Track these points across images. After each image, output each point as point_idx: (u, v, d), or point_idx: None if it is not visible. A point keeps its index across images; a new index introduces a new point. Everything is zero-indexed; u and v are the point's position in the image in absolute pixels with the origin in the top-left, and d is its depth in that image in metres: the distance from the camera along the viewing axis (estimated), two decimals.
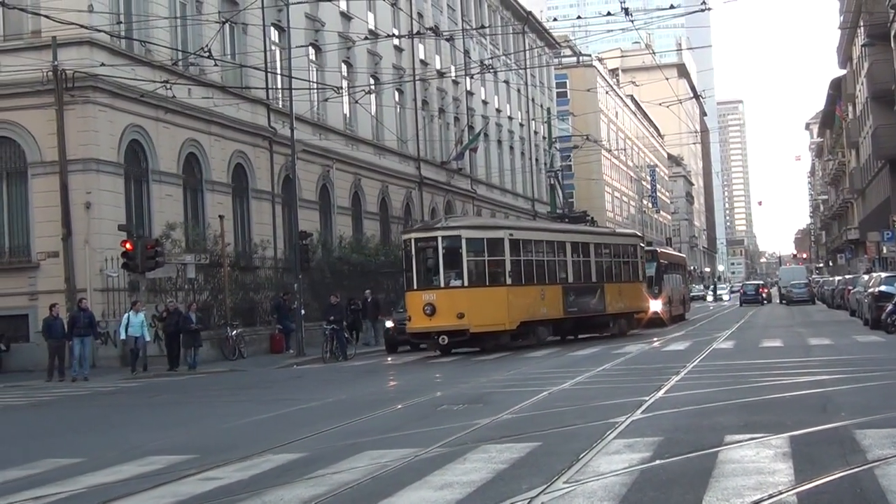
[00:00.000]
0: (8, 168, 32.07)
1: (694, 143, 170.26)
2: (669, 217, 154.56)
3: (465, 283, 30.00)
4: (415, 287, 30.21)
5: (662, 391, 15.88)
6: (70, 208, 30.65)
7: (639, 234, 48.22)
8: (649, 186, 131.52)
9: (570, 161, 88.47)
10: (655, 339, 33.62)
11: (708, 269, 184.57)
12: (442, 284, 29.85)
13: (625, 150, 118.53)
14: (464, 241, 30.13)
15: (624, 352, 27.48)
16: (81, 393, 24.00)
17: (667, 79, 74.29)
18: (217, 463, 10.72)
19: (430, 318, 29.61)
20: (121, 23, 32.15)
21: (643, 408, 13.71)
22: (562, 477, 8.92)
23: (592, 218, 43.83)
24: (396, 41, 51.01)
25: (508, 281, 31.05)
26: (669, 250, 63.36)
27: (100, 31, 30.23)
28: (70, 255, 30.67)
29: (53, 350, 27.92)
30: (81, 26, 28.67)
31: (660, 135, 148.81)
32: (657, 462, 9.49)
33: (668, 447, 10.23)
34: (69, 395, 23.29)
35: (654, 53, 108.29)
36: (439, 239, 30.07)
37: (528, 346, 31.68)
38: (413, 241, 30.62)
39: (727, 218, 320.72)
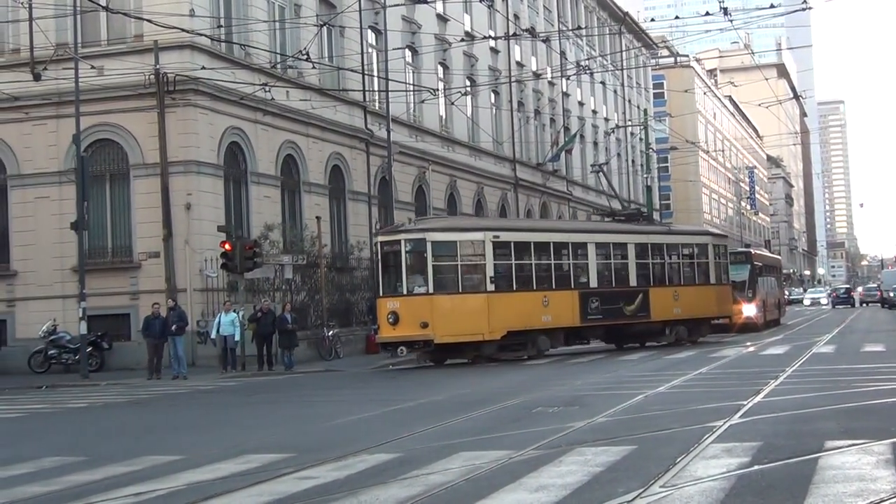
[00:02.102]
0: (111, 170, 32.69)
1: (794, 145, 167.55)
2: (768, 219, 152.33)
3: (430, 290, 27.79)
4: (381, 294, 28.62)
5: (761, 395, 15.66)
6: (171, 209, 31.16)
7: (715, 231, 44.44)
8: (748, 188, 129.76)
9: (668, 163, 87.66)
10: (749, 343, 33.11)
11: (808, 272, 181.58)
12: (404, 291, 27.85)
13: (723, 151, 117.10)
14: (429, 245, 27.86)
15: (721, 355, 27.17)
16: (180, 391, 24.39)
17: (766, 79, 73.43)
18: (313, 462, 10.81)
19: (394, 328, 27.68)
20: (221, 27, 32.60)
21: (741, 412, 13.54)
22: (658, 481, 8.84)
23: (649, 215, 40.50)
24: (493, 43, 50.98)
25: (490, 287, 28.69)
26: (764, 252, 62.15)
27: (200, 34, 30.75)
28: (170, 256, 31.17)
29: (151, 348, 28.42)
30: (182, 30, 29.18)
31: (759, 136, 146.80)
32: (756, 467, 9.35)
33: (766, 452, 10.08)
34: (168, 394, 23.67)
35: (753, 53, 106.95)
36: (402, 242, 28.05)
37: (523, 357, 29.40)
38: (380, 245, 28.97)
39: (827, 220, 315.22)
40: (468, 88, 47.91)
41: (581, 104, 66.97)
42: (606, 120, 72.43)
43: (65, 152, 31.97)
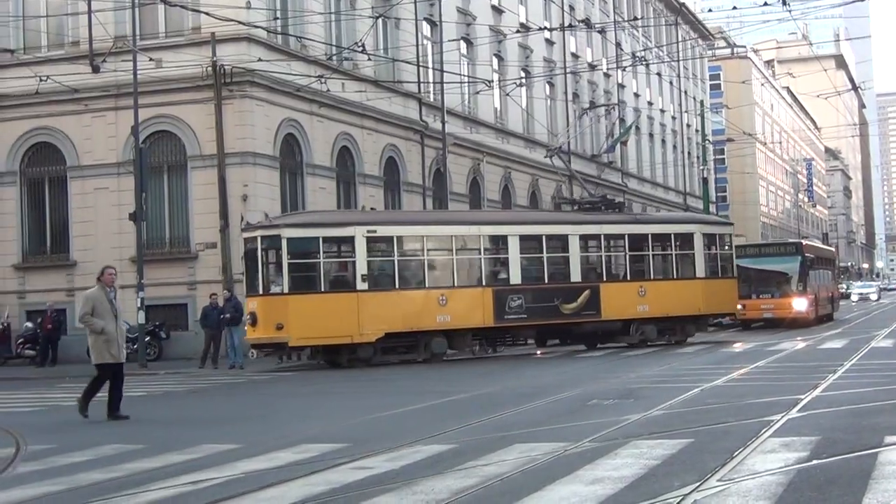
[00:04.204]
0: (169, 161, 32.99)
1: (852, 136, 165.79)
2: (826, 212, 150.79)
3: (285, 290, 26.24)
4: (246, 293, 27.48)
5: (819, 389, 15.52)
6: (227, 200, 31.38)
7: (708, 219, 40.83)
8: (805, 180, 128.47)
9: (724, 154, 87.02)
10: (803, 337, 32.66)
11: (866, 266, 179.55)
12: (261, 291, 26.53)
13: (780, 143, 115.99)
14: (284, 242, 26.18)
15: (778, 349, 26.97)
16: (237, 380, 24.60)
17: (824, 70, 72.61)
18: (368, 452, 10.84)
19: (253, 329, 26.45)
20: (277, 19, 32.80)
21: (799, 406, 13.42)
22: (715, 475, 8.79)
23: (620, 203, 37.64)
24: (548, 34, 50.75)
25: (362, 285, 26.92)
26: (816, 243, 60.97)
27: (257, 27, 30.91)
28: (227, 246, 31.38)
29: (209, 338, 28.67)
30: (240, 23, 29.43)
31: (816, 127, 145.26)
32: (814, 462, 9.27)
33: (825, 447, 9.99)
34: (225, 383, 23.90)
35: (811, 44, 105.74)
36: (258, 239, 26.57)
37: (418, 360, 27.89)
38: (243, 242, 27.86)
39: (886, 213, 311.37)
40: (523, 80, 47.77)
41: (637, 95, 66.62)
42: (662, 111, 72.01)
43: (123, 144, 32.32)
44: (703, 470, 9.00)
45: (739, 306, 39.49)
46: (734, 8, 43.35)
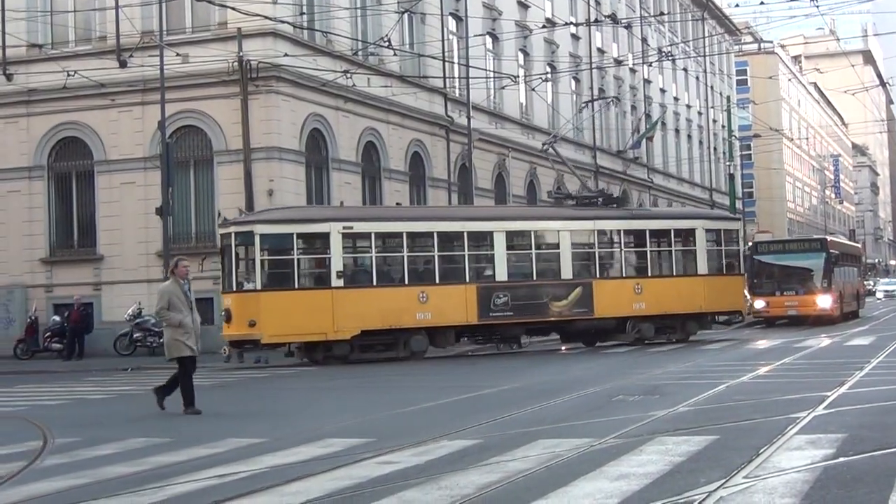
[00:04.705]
0: (195, 156, 33.09)
1: (880, 133, 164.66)
2: (853, 208, 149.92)
3: (258, 286, 26.08)
4: (222, 289, 27.43)
5: (846, 387, 15.44)
6: (253, 195, 31.41)
7: (714, 214, 39.94)
8: (832, 177, 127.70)
9: (751, 150, 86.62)
10: (828, 335, 32.44)
11: (893, 262, 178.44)
12: (234, 287, 26.35)
13: (807, 139, 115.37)
14: (257, 238, 25.97)
15: (805, 346, 26.84)
16: (263, 375, 24.67)
17: (852, 66, 72.02)
18: (393, 447, 10.85)
19: (228, 325, 26.25)
20: (303, 14, 32.86)
21: (825, 403, 13.35)
22: (741, 472, 8.76)
23: (618, 198, 36.69)
24: (574, 29, 50.70)
25: (337, 282, 26.61)
26: (842, 240, 60.32)
27: (283, 22, 30.97)
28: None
29: None
30: (266, 18, 29.45)
31: (844, 123, 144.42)
32: (841, 459, 9.22)
33: (852, 444, 9.93)
34: (251, 377, 23.97)
35: (838, 40, 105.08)
36: (232, 235, 26.38)
37: (399, 357, 27.32)
38: (220, 238, 27.71)
39: None
40: (549, 75, 47.67)
41: (663, 91, 66.40)
42: (688, 107, 71.75)
43: (150, 138, 32.44)
44: (729, 467, 8.97)
45: (763, 303, 39.35)
46: (761, 3, 42.88)
